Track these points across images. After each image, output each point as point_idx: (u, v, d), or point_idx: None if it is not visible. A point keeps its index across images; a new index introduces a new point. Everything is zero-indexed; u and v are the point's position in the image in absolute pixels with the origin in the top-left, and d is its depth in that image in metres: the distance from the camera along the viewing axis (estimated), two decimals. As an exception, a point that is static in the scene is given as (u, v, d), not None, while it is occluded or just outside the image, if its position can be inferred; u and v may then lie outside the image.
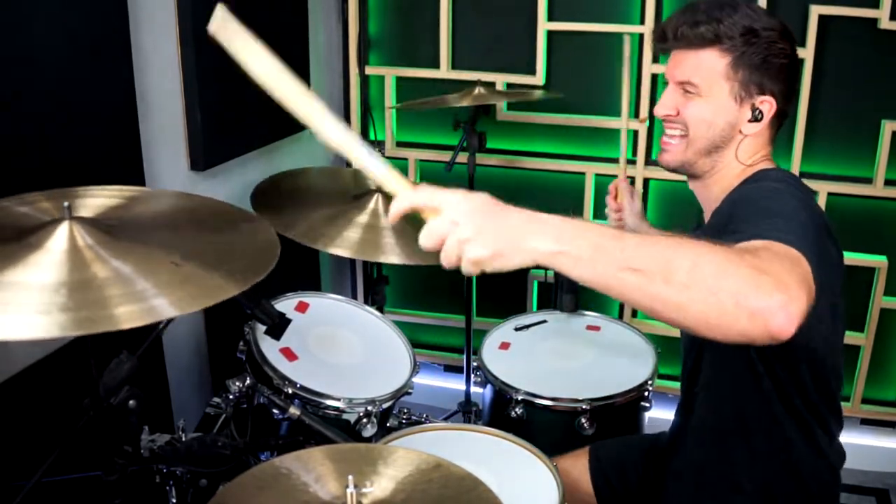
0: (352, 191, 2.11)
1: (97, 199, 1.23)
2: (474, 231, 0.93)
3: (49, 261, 1.01)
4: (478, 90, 2.34)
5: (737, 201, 1.30)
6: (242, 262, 1.13)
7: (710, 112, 1.37)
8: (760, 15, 1.34)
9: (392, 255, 1.86)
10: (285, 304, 1.89)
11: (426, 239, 0.95)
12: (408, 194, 0.97)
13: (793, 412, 1.34)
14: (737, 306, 0.88)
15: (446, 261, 0.95)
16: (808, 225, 1.12)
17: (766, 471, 1.38)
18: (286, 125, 2.49)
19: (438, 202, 0.94)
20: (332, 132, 0.99)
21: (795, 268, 0.95)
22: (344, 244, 1.86)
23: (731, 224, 1.17)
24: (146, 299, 0.98)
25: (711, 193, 1.44)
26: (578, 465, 1.70)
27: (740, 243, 1.02)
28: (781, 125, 1.43)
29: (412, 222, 1.00)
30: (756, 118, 1.35)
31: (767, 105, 1.35)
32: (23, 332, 0.91)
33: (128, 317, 0.95)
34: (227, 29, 0.96)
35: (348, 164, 2.96)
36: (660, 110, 1.44)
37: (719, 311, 0.89)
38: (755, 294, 0.88)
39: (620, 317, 2.63)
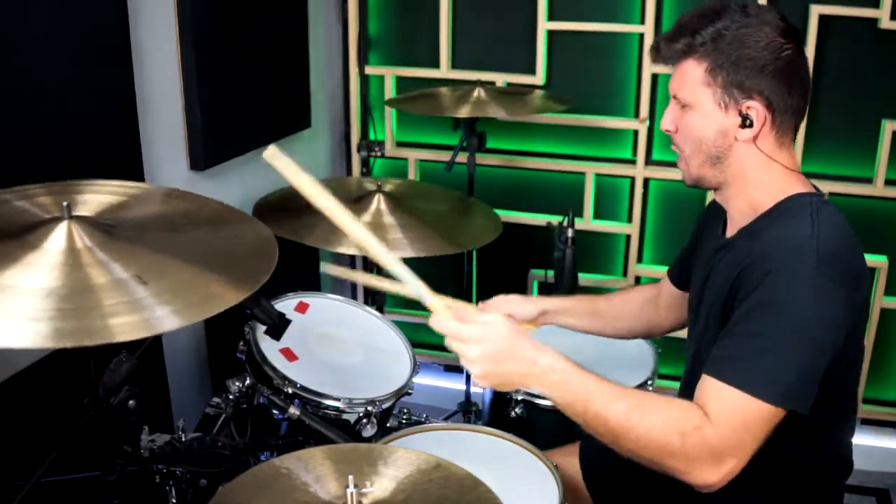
0: (352, 195, 2.12)
1: (97, 196, 1.23)
2: (482, 371, 1.21)
3: (46, 262, 1.01)
4: (477, 91, 2.34)
5: (753, 263, 1.24)
6: (242, 266, 1.13)
7: (699, 123, 1.32)
8: (752, 15, 1.27)
9: (399, 250, 1.93)
10: (285, 305, 1.89)
11: (448, 345, 1.23)
12: (438, 319, 1.22)
13: (802, 437, 1.31)
14: (667, 473, 1.19)
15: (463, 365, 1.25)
16: (813, 340, 1.18)
17: (769, 493, 1.36)
18: (286, 125, 2.51)
19: (463, 335, 1.21)
20: (374, 248, 1.20)
21: (742, 430, 1.16)
22: (352, 243, 1.90)
23: (737, 312, 1.23)
24: (144, 309, 0.97)
25: (734, 206, 1.38)
26: (568, 461, 1.70)
27: (716, 381, 1.18)
28: (796, 125, 1.33)
29: None
30: (746, 124, 1.28)
31: (755, 111, 1.27)
32: (13, 341, 0.89)
33: (123, 329, 0.94)
34: (278, 160, 1.13)
35: (348, 172, 2.96)
36: (662, 125, 1.40)
37: (658, 470, 1.20)
38: (683, 475, 1.18)
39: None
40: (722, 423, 1.15)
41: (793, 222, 1.26)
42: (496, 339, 1.20)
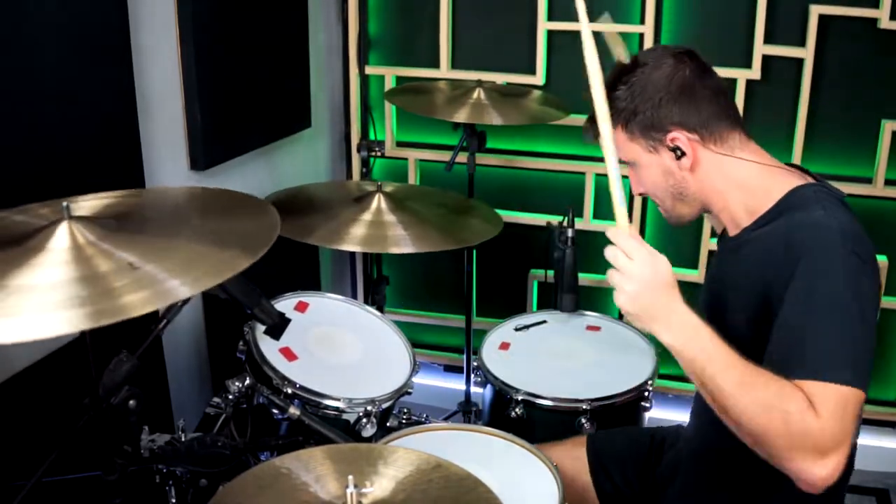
0: (352, 194, 2.13)
1: (96, 202, 1.23)
2: (631, 292, 1.20)
3: (53, 260, 1.01)
4: (477, 91, 2.34)
5: (781, 251, 1.25)
6: (246, 238, 1.14)
7: (647, 173, 1.42)
8: (642, 63, 1.37)
9: (401, 245, 1.94)
10: (285, 304, 1.89)
11: (608, 258, 1.22)
12: (619, 232, 1.23)
13: None
14: (771, 458, 1.13)
15: (608, 280, 1.24)
16: (861, 314, 1.18)
17: (769, 491, 1.36)
18: (286, 125, 2.51)
19: (632, 254, 1.21)
20: (608, 144, 1.25)
21: (844, 419, 1.11)
22: (354, 241, 1.94)
23: (785, 306, 1.20)
24: (157, 283, 0.99)
25: (728, 216, 1.42)
26: (574, 455, 1.69)
27: (800, 381, 1.14)
28: (734, 123, 1.37)
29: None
30: (678, 156, 1.36)
31: (679, 140, 1.34)
32: (38, 332, 0.90)
33: (141, 302, 0.95)
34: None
35: (348, 172, 2.96)
36: (633, 191, 1.51)
37: (762, 454, 1.15)
38: (788, 460, 1.11)
39: (621, 317, 2.62)
40: (826, 415, 1.11)
41: (804, 211, 1.27)
42: (659, 270, 1.21)
